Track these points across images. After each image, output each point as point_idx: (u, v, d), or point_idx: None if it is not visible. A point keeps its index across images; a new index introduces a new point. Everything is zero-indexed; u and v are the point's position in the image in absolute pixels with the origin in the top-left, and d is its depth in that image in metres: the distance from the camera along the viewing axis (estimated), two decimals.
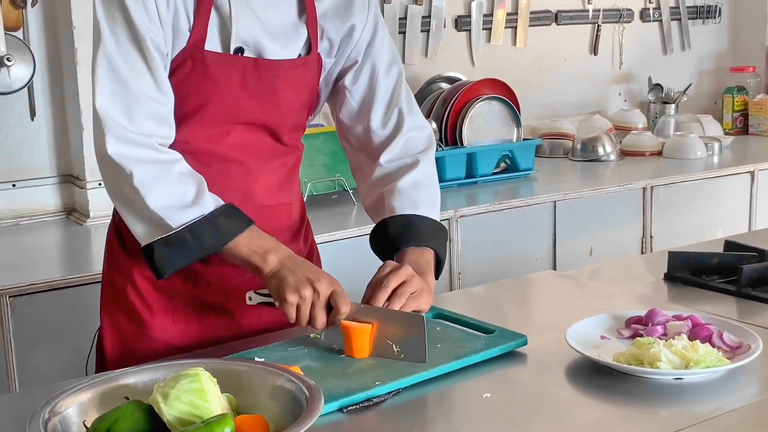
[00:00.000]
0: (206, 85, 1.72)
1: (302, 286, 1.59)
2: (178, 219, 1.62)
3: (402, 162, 1.90)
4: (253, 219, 1.69)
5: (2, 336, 2.34)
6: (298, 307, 1.59)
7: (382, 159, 1.89)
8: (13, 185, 2.97)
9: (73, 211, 3.03)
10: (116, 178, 1.64)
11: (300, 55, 1.79)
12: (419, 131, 1.93)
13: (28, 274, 2.43)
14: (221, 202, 1.66)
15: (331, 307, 1.61)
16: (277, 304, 1.62)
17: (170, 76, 1.70)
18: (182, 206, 1.63)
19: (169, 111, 1.69)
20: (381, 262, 1.79)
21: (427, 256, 1.82)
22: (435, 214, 1.90)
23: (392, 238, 1.83)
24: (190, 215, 1.62)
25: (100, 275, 1.92)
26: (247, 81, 1.74)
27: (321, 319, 1.60)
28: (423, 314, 1.65)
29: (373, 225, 1.90)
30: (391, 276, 1.68)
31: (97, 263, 2.42)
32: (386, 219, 1.85)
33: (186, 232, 1.62)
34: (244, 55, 1.73)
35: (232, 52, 1.72)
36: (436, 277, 1.83)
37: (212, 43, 1.70)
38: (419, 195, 1.87)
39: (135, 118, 1.63)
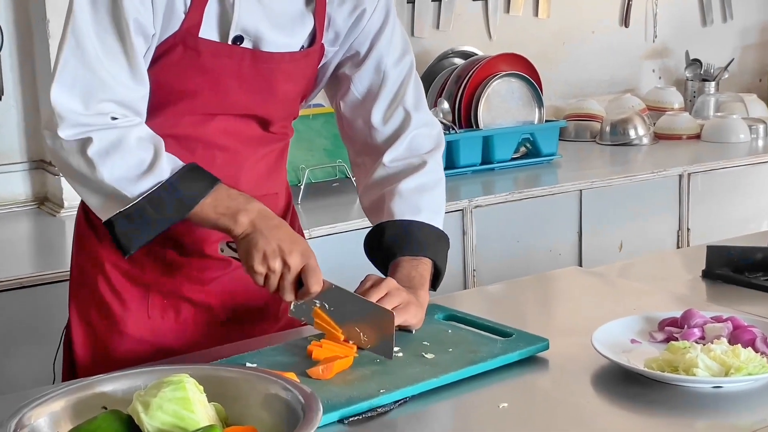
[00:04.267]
0: (197, 75, 1.73)
1: (272, 257, 1.60)
2: (135, 189, 1.62)
3: (407, 162, 1.90)
4: None
5: None
6: (266, 277, 1.61)
7: (386, 159, 1.90)
8: None
9: (46, 201, 3.04)
10: (69, 156, 1.64)
11: (303, 46, 1.80)
12: (427, 128, 1.94)
13: None
14: (180, 164, 1.66)
15: (302, 283, 1.63)
16: (245, 269, 1.64)
17: (157, 60, 1.71)
18: (138, 175, 1.63)
19: (139, 99, 1.69)
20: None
21: (423, 268, 1.82)
22: (438, 221, 1.90)
23: (388, 245, 1.84)
24: (147, 183, 1.63)
25: (69, 271, 1.93)
26: (242, 73, 1.75)
27: (289, 296, 1.63)
28: (393, 312, 1.64)
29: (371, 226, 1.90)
30: (371, 291, 1.69)
31: (66, 257, 2.44)
32: (383, 223, 1.86)
33: (145, 203, 1.62)
34: (243, 45, 1.74)
35: (230, 42, 1.72)
36: (435, 289, 1.85)
37: (208, 30, 1.71)
38: (422, 199, 1.88)
39: (93, 103, 1.64)
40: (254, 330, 1.87)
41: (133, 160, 1.63)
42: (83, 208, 1.86)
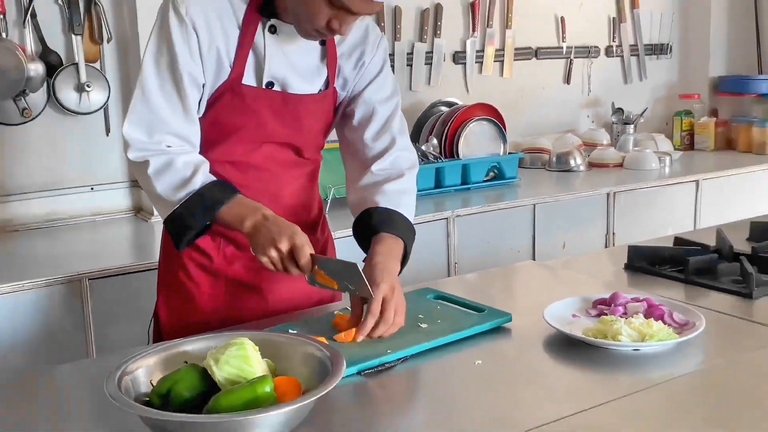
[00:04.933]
0: (243, 113, 1.73)
1: (267, 248, 1.57)
2: (175, 198, 1.64)
3: (390, 172, 1.85)
4: (280, 216, 1.64)
5: (83, 311, 2.36)
6: (271, 263, 1.59)
7: (374, 168, 1.85)
8: (92, 189, 2.99)
9: (140, 210, 3.05)
10: (138, 174, 1.68)
11: (320, 90, 1.79)
12: (407, 152, 1.90)
13: (102, 261, 2.45)
14: (212, 179, 1.65)
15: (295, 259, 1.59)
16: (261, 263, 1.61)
17: (212, 104, 1.71)
18: (178, 187, 1.64)
19: (191, 132, 1.69)
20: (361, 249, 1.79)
21: (398, 246, 1.75)
22: (411, 218, 1.83)
23: (375, 224, 1.76)
24: (183, 193, 1.63)
25: (158, 262, 1.93)
26: (276, 110, 1.74)
27: (292, 271, 1.59)
28: (356, 263, 1.58)
29: (354, 216, 1.85)
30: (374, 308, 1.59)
31: (158, 252, 2.45)
32: (371, 209, 1.78)
33: (182, 210, 1.63)
34: (274, 88, 1.73)
35: (263, 86, 1.72)
36: (402, 268, 1.76)
37: (248, 78, 1.71)
38: (401, 199, 1.82)
39: (154, 135, 1.65)
40: (295, 305, 1.86)
41: (176, 177, 1.64)
42: None
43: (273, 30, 1.71)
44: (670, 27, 4.31)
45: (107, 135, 2.99)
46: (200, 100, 1.70)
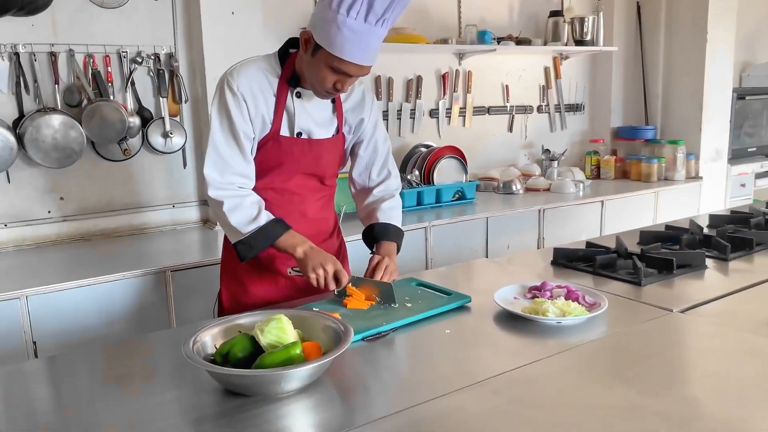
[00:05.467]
0: (281, 155, 1.73)
1: (317, 268, 1.63)
2: (247, 229, 1.65)
3: (384, 194, 1.92)
4: (305, 227, 1.71)
5: (167, 294, 2.35)
6: (317, 279, 1.63)
7: (375, 191, 1.91)
8: (173, 206, 2.98)
9: (207, 221, 3.03)
10: (215, 208, 1.68)
11: (333, 134, 1.80)
12: (396, 180, 1.95)
13: (181, 257, 2.44)
14: (272, 217, 1.67)
15: (337, 278, 1.65)
16: (305, 277, 1.66)
17: (259, 150, 1.72)
18: (248, 222, 1.65)
19: (249, 171, 1.70)
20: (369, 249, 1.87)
21: (393, 246, 1.85)
22: (399, 224, 1.91)
23: (377, 234, 1.85)
24: (253, 227, 1.65)
25: (220, 260, 1.93)
26: (304, 152, 1.75)
27: (331, 286, 1.64)
28: (391, 283, 1.67)
29: (364, 227, 1.92)
30: (377, 270, 1.73)
31: (218, 253, 2.40)
32: (374, 223, 1.88)
33: (251, 237, 1.65)
34: (302, 137, 1.74)
35: (295, 136, 1.73)
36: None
37: (283, 131, 1.72)
38: (392, 214, 1.89)
39: (226, 175, 1.66)
40: (315, 290, 1.85)
41: (246, 214, 1.65)
42: None
43: (299, 95, 1.72)
44: (583, 92, 4.31)
45: (184, 168, 2.98)
46: (252, 147, 1.71)
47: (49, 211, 2.72)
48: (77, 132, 2.63)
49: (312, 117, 1.74)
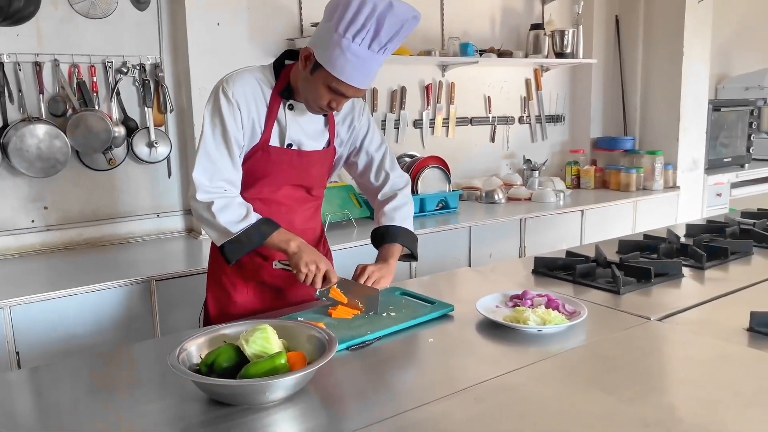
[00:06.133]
0: (270, 165, 1.73)
1: (309, 263, 1.62)
2: (237, 228, 1.63)
3: (389, 195, 1.92)
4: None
5: (151, 304, 2.33)
6: (306, 275, 1.62)
7: (379, 195, 1.92)
8: (157, 215, 2.96)
9: (191, 231, 3.02)
10: (202, 210, 1.64)
11: (324, 147, 1.80)
12: (400, 178, 1.94)
13: (165, 267, 2.42)
14: (260, 216, 1.67)
15: (325, 277, 1.64)
16: (294, 271, 1.64)
17: (248, 159, 1.71)
18: (238, 220, 1.63)
19: (237, 179, 1.69)
20: (373, 251, 1.87)
21: (394, 248, 1.83)
22: (407, 224, 1.89)
23: (380, 236, 1.86)
24: (243, 225, 1.63)
25: (206, 269, 1.92)
26: (293, 163, 1.75)
27: (318, 284, 1.64)
28: (379, 289, 1.66)
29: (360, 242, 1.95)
30: (361, 276, 1.72)
31: (204, 262, 2.39)
32: (377, 228, 1.89)
33: (242, 235, 1.63)
34: (292, 148, 1.74)
35: (285, 147, 1.72)
36: (416, 259, 1.91)
37: (273, 141, 1.71)
38: (395, 213, 1.88)
39: (214, 180, 1.65)
40: (300, 300, 1.85)
41: (236, 213, 1.64)
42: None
43: (291, 107, 1.72)
44: (563, 103, 4.36)
45: (169, 177, 2.96)
46: (240, 155, 1.70)
47: (32, 221, 2.69)
48: (62, 142, 2.61)
49: (303, 129, 1.75)
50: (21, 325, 2.11)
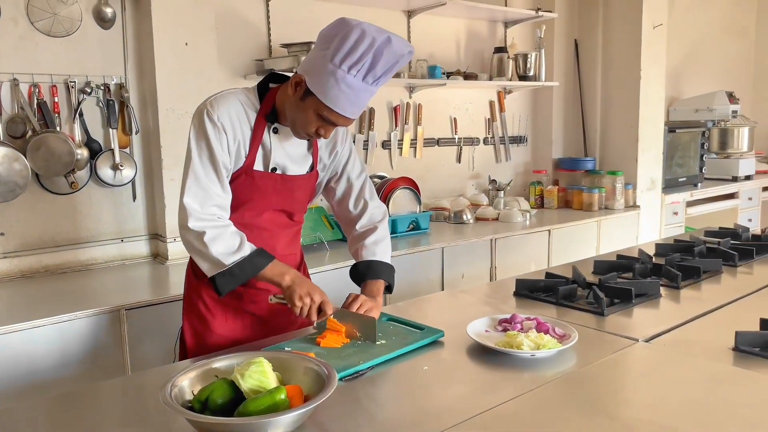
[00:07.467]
0: (253, 190, 1.69)
1: (304, 296, 1.58)
2: (230, 260, 1.58)
3: (367, 228, 1.87)
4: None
5: (120, 335, 2.22)
6: (301, 309, 1.58)
7: (357, 226, 1.88)
8: (122, 240, 2.86)
9: (158, 256, 2.92)
10: (193, 239, 1.59)
11: (308, 171, 1.77)
12: (378, 209, 1.91)
13: (133, 295, 2.32)
14: (255, 248, 1.62)
15: (320, 309, 1.61)
16: (289, 305, 1.60)
17: (232, 182, 1.66)
18: (232, 252, 1.58)
19: (227, 203, 1.64)
20: (351, 283, 1.83)
21: (379, 284, 1.80)
22: (387, 258, 1.86)
23: (361, 273, 1.82)
24: (236, 257, 1.58)
25: (177, 296, 1.86)
26: (276, 188, 1.71)
27: (314, 316, 1.60)
28: (374, 318, 1.63)
29: (352, 263, 1.87)
30: (353, 304, 1.68)
31: (173, 289, 2.34)
32: (357, 262, 1.84)
33: (234, 267, 1.58)
34: (276, 172, 1.70)
35: (269, 171, 1.69)
36: (391, 292, 1.86)
37: (258, 165, 1.68)
38: (377, 248, 1.85)
39: (206, 206, 1.59)
40: (282, 329, 1.80)
41: (228, 244, 1.58)
42: (191, 265, 1.78)
43: (276, 131, 1.68)
44: (526, 124, 4.44)
45: (134, 201, 2.87)
46: (228, 177, 1.65)
47: None
48: (21, 164, 2.49)
49: (288, 153, 1.72)
50: None
